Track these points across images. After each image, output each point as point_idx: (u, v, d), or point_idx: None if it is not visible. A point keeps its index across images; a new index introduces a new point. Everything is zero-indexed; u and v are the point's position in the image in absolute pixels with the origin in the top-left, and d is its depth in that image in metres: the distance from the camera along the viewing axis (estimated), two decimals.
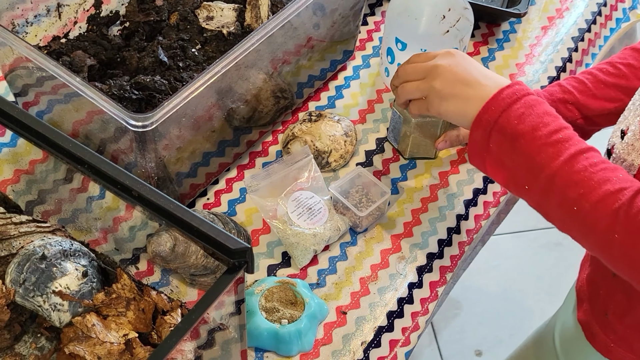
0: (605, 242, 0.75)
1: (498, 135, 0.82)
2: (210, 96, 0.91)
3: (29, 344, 0.84)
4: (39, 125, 0.73)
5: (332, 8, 1.07)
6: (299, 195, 1.01)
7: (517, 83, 0.84)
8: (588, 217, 0.75)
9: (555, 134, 0.79)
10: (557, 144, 0.79)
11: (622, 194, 0.74)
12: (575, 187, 0.76)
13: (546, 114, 0.81)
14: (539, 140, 0.79)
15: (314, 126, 1.08)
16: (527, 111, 0.81)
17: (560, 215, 0.79)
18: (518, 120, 0.81)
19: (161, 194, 0.69)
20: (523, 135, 0.80)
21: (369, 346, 0.93)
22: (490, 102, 0.83)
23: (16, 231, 0.86)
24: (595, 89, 1.01)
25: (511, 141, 0.81)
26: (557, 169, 0.78)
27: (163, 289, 0.93)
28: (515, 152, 0.81)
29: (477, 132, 0.84)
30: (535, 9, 1.34)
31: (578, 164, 0.77)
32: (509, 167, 0.82)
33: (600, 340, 0.99)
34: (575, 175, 0.77)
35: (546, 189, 0.79)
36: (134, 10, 1.15)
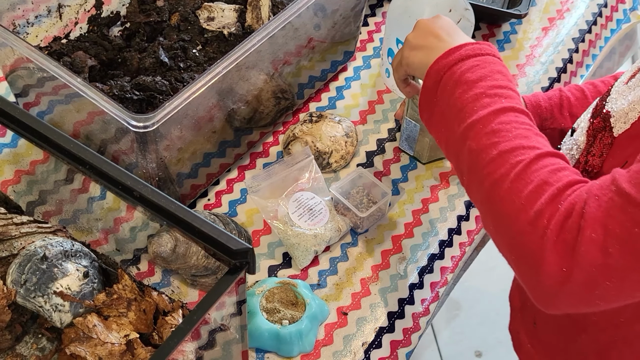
0: (493, 191, 0.71)
1: (447, 81, 0.80)
2: (211, 97, 0.91)
3: (30, 345, 0.84)
4: (40, 126, 0.73)
5: (333, 9, 1.07)
6: (300, 196, 1.01)
7: (487, 43, 0.82)
8: (490, 163, 0.72)
9: (498, 89, 0.77)
10: (494, 96, 0.76)
11: (532, 150, 0.71)
12: (492, 135, 0.74)
13: (499, 72, 0.79)
14: (478, 89, 0.77)
15: (315, 127, 1.08)
16: (482, 64, 0.79)
17: (467, 163, 0.76)
18: (468, 70, 0.79)
19: (162, 195, 0.69)
20: (466, 82, 0.78)
21: (369, 347, 0.93)
22: (452, 50, 0.81)
23: (17, 232, 0.86)
24: (593, 99, 0.99)
25: (453, 87, 0.79)
26: (482, 116, 0.75)
27: (164, 289, 0.93)
28: (453, 97, 0.78)
29: (430, 78, 0.82)
30: (536, 10, 1.34)
31: (504, 117, 0.74)
32: (445, 115, 0.80)
33: (525, 350, 0.99)
34: (497, 125, 0.74)
35: (465, 135, 0.76)
36: (134, 10, 1.15)
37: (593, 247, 0.64)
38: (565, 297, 0.66)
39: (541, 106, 1.01)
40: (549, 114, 1.01)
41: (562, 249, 0.65)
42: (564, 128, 1.00)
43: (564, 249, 0.65)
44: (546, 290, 0.67)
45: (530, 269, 0.67)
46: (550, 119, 1.01)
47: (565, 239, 0.65)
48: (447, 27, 0.86)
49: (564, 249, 0.65)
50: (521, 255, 0.68)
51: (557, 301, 0.67)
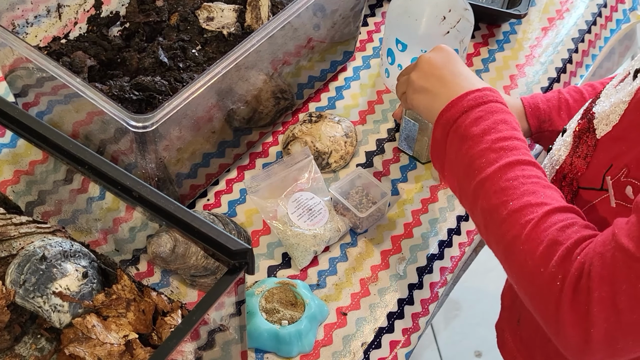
0: (509, 251, 0.73)
1: (454, 136, 0.81)
2: (210, 97, 0.91)
3: (29, 345, 0.84)
4: (39, 126, 0.73)
5: (333, 9, 1.07)
6: (299, 196, 1.01)
7: (489, 89, 0.82)
8: (502, 224, 0.73)
9: (502, 142, 0.78)
10: (500, 150, 0.77)
11: (541, 207, 0.72)
12: (500, 194, 0.75)
13: (503, 122, 0.79)
14: (484, 144, 0.78)
15: (314, 127, 1.08)
16: (486, 116, 0.80)
17: (482, 221, 0.77)
18: (473, 123, 0.79)
19: (161, 195, 0.69)
20: (472, 137, 0.79)
21: (369, 347, 0.93)
22: (455, 101, 0.82)
23: (16, 232, 0.86)
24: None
25: (460, 142, 0.80)
26: (490, 174, 0.76)
27: (163, 290, 0.93)
28: (461, 152, 0.80)
29: (437, 130, 0.83)
30: (536, 10, 1.34)
31: (511, 173, 0.75)
32: (455, 169, 0.81)
33: (508, 348, 0.99)
34: (504, 182, 0.75)
35: (476, 193, 0.77)
36: (134, 10, 1.15)
37: (604, 306, 0.65)
38: (594, 353, 0.67)
39: (539, 108, 1.01)
40: (547, 117, 1.01)
41: (577, 310, 0.66)
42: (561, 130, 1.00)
43: (579, 310, 0.66)
44: (572, 349, 0.68)
45: (553, 329, 0.69)
46: (549, 121, 1.01)
47: (579, 301, 0.66)
48: (450, 65, 0.86)
49: (579, 310, 0.66)
50: (543, 316, 0.70)
51: (587, 357, 0.68)
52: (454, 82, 0.84)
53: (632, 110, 0.76)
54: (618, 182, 0.76)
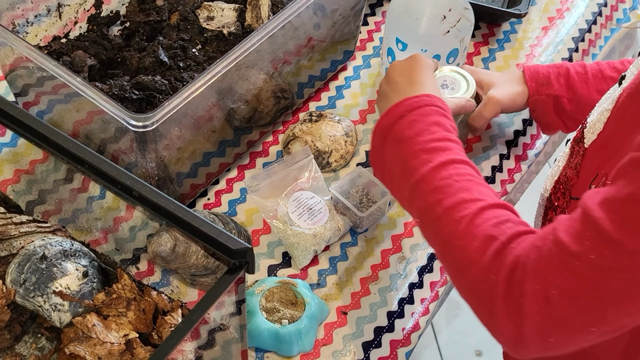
0: (445, 248, 0.73)
1: (390, 141, 0.82)
2: (210, 96, 0.91)
3: (30, 344, 0.84)
4: (40, 125, 0.73)
5: (333, 8, 1.07)
6: (300, 195, 1.01)
7: (427, 95, 0.84)
8: (437, 221, 0.74)
9: (435, 142, 0.78)
10: (433, 151, 0.78)
11: (475, 203, 0.72)
12: (435, 192, 0.75)
13: (436, 124, 0.80)
14: (417, 146, 0.79)
15: (315, 126, 1.08)
16: (419, 119, 0.81)
17: (420, 222, 0.78)
18: (407, 127, 0.81)
19: (162, 194, 0.69)
20: (406, 140, 0.80)
21: (369, 346, 0.93)
22: (393, 107, 0.83)
23: (16, 231, 0.86)
24: (593, 76, 1.01)
25: (395, 146, 0.81)
26: (424, 174, 0.76)
27: (163, 289, 0.93)
28: (396, 156, 0.81)
29: (376, 136, 0.84)
30: (536, 9, 1.34)
31: (445, 172, 0.76)
32: (393, 173, 0.82)
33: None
34: (439, 181, 0.75)
35: (412, 194, 0.78)
36: (134, 10, 1.15)
37: (536, 299, 0.65)
38: (527, 346, 0.67)
39: (539, 72, 1.04)
40: (546, 80, 1.03)
41: (511, 303, 0.66)
42: (557, 95, 1.02)
43: (513, 303, 0.66)
44: (507, 342, 0.69)
45: (488, 322, 0.69)
46: (547, 84, 1.03)
47: (512, 294, 0.66)
48: (410, 72, 0.88)
49: (513, 303, 0.66)
50: (479, 309, 0.71)
51: (522, 350, 0.68)
52: (405, 89, 0.86)
53: (614, 118, 0.76)
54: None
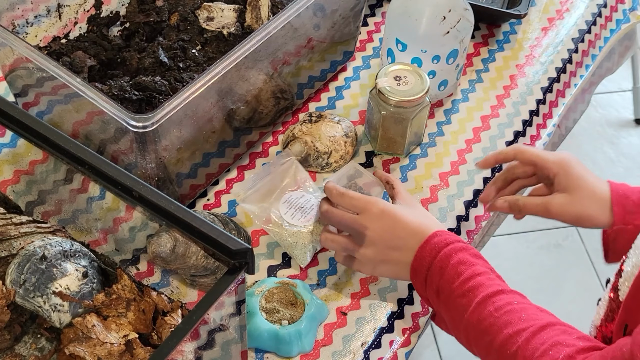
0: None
1: (430, 292, 0.86)
2: (210, 97, 0.91)
3: (29, 345, 0.84)
4: (39, 126, 0.73)
5: (333, 9, 1.07)
6: (289, 196, 1.01)
7: (435, 235, 0.87)
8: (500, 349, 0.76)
9: (466, 283, 0.82)
10: (467, 293, 0.81)
11: (520, 335, 0.75)
12: (483, 335, 0.78)
13: (460, 263, 0.83)
14: (453, 293, 0.83)
15: (314, 127, 1.08)
16: (444, 264, 0.84)
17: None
18: (439, 277, 0.84)
19: (161, 195, 0.69)
20: (442, 289, 0.84)
21: (369, 347, 0.93)
22: (415, 263, 0.87)
23: (16, 232, 0.86)
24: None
25: (436, 295, 0.85)
26: (467, 321, 0.80)
27: (163, 289, 0.93)
28: (440, 304, 0.85)
29: (418, 288, 0.89)
30: (535, 10, 1.34)
31: (484, 311, 0.79)
32: (444, 321, 0.87)
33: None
34: (482, 323, 0.79)
35: (468, 339, 0.82)
36: (134, 10, 1.15)
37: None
38: None
39: (629, 197, 0.91)
40: (637, 208, 0.90)
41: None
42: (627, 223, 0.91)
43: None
44: None
45: None
46: (638, 213, 0.90)
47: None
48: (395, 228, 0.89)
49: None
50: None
51: None
52: (407, 247, 0.88)
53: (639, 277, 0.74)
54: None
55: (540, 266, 2.09)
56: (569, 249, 2.11)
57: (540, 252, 2.11)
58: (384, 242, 0.89)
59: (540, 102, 1.22)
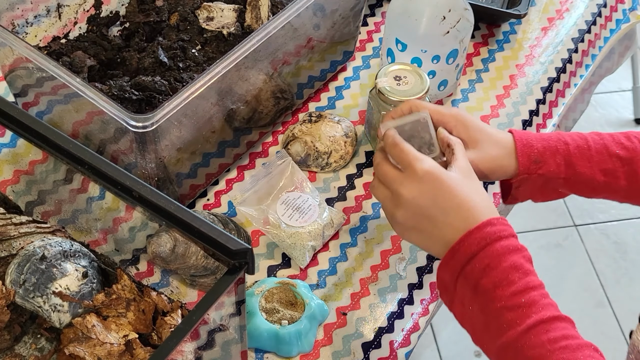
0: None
1: (463, 284, 0.75)
2: (210, 97, 0.91)
3: (29, 345, 0.84)
4: (39, 126, 0.73)
5: (332, 9, 1.07)
6: (287, 197, 1.01)
7: (489, 223, 0.75)
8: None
9: (518, 297, 0.72)
10: (517, 309, 0.71)
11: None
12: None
13: (513, 268, 0.74)
14: (499, 302, 0.72)
15: (314, 127, 1.08)
16: (493, 263, 0.74)
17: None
18: (482, 273, 0.73)
19: (161, 195, 0.69)
20: (484, 292, 0.73)
21: (369, 347, 0.93)
22: (457, 245, 0.75)
23: (16, 232, 0.86)
24: (597, 153, 0.88)
25: (472, 294, 0.74)
26: (512, 340, 0.70)
27: (163, 289, 0.93)
28: (475, 305, 0.74)
29: (445, 274, 0.77)
30: (535, 10, 1.34)
31: (536, 338, 0.70)
32: (470, 318, 0.76)
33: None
34: (531, 350, 0.69)
35: (500, 355, 0.73)
36: (134, 10, 1.15)
37: None
38: None
39: (532, 146, 0.88)
40: (540, 157, 0.88)
41: None
42: (552, 177, 0.88)
43: None
44: None
45: None
46: (541, 162, 0.88)
47: None
48: (437, 200, 0.78)
49: None
50: None
51: None
52: (446, 222, 0.77)
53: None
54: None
55: (540, 266, 2.08)
56: (569, 249, 2.11)
57: (540, 252, 2.12)
58: (419, 209, 0.78)
59: (540, 102, 1.22)
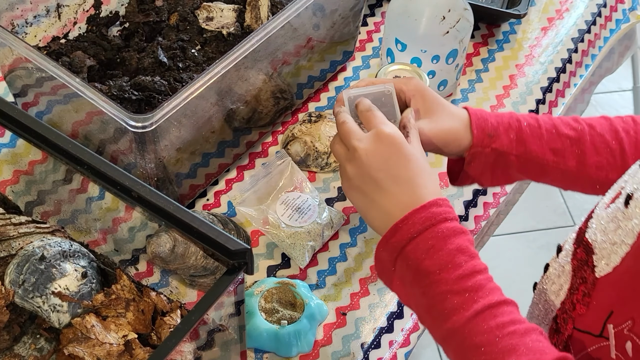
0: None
1: (403, 264, 0.72)
2: (210, 97, 0.91)
3: (28, 345, 0.84)
4: (39, 126, 0.73)
5: (332, 9, 1.07)
6: (286, 197, 1.01)
7: (435, 203, 0.73)
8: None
9: (465, 280, 0.69)
10: (464, 293, 0.69)
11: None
12: (476, 351, 0.67)
13: (459, 251, 0.71)
14: (444, 285, 0.69)
15: (314, 127, 1.08)
16: (438, 244, 0.71)
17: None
18: (425, 254, 0.70)
19: (161, 195, 0.69)
20: (428, 274, 0.70)
21: (368, 347, 0.93)
22: (399, 224, 0.72)
23: (15, 232, 0.86)
24: (547, 132, 0.86)
25: (414, 275, 0.71)
26: (459, 325, 0.68)
27: (162, 289, 0.93)
28: (417, 288, 0.71)
29: (383, 253, 0.74)
30: (535, 10, 1.34)
31: (484, 323, 0.67)
32: (411, 300, 0.74)
33: None
34: (478, 336, 0.67)
35: (446, 341, 0.70)
36: (133, 10, 1.15)
37: None
38: None
39: (487, 120, 0.86)
40: (494, 131, 0.86)
41: None
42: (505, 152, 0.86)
43: None
44: None
45: None
46: (495, 136, 0.85)
47: None
48: (390, 164, 0.75)
49: None
50: None
51: None
52: (391, 191, 0.74)
53: (633, 255, 0.68)
54: (620, 333, 0.67)
55: (540, 266, 2.09)
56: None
57: (540, 252, 2.11)
58: (369, 168, 0.75)
59: (540, 102, 1.21)
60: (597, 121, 0.88)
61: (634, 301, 0.67)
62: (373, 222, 0.76)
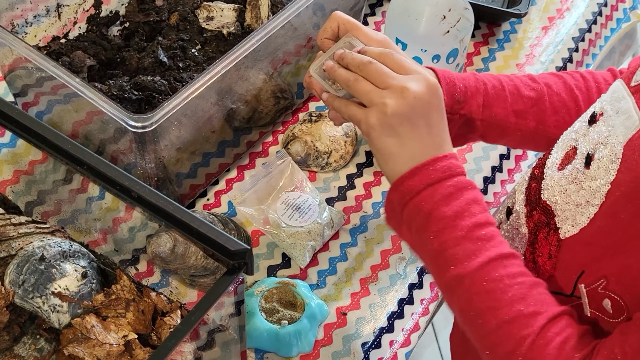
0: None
1: (414, 209, 0.72)
2: (210, 97, 0.91)
3: (28, 345, 0.84)
4: (39, 126, 0.73)
5: (332, 8, 1.06)
6: (286, 197, 1.01)
7: (454, 156, 0.73)
8: (492, 334, 0.68)
9: (479, 229, 0.70)
10: (477, 241, 0.69)
11: (535, 319, 0.66)
12: (485, 297, 0.68)
13: (474, 201, 0.71)
14: (459, 231, 0.70)
15: (314, 126, 1.08)
16: (456, 193, 0.71)
17: (461, 318, 0.71)
18: (443, 201, 0.71)
19: (161, 195, 0.69)
20: (442, 219, 0.70)
21: (369, 347, 0.93)
22: (417, 169, 0.72)
23: (15, 232, 0.86)
24: (510, 94, 0.86)
25: (426, 220, 0.71)
26: (470, 271, 0.69)
27: (163, 290, 0.93)
28: (428, 233, 0.71)
29: (395, 194, 0.74)
30: (536, 9, 1.34)
31: (495, 272, 0.68)
32: (421, 248, 0.74)
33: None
34: (489, 284, 0.68)
35: (452, 286, 0.70)
36: (133, 10, 1.15)
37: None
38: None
39: (455, 84, 0.84)
40: (463, 96, 0.84)
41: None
42: (472, 118, 0.85)
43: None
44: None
45: None
46: (463, 102, 0.84)
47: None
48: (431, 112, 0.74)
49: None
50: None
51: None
52: (422, 138, 0.73)
53: (603, 215, 0.69)
54: (594, 292, 0.69)
55: None
56: None
57: None
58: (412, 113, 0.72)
59: None
60: (552, 80, 0.88)
61: (606, 260, 0.68)
62: (394, 165, 0.73)
